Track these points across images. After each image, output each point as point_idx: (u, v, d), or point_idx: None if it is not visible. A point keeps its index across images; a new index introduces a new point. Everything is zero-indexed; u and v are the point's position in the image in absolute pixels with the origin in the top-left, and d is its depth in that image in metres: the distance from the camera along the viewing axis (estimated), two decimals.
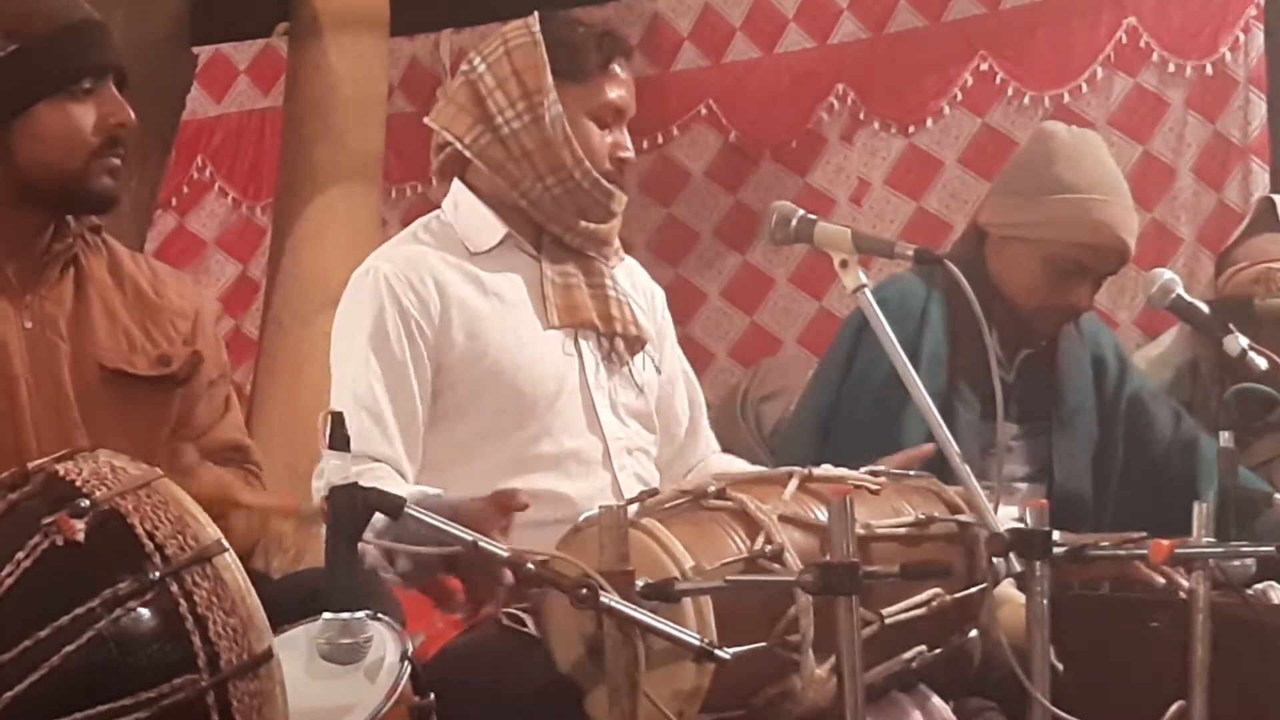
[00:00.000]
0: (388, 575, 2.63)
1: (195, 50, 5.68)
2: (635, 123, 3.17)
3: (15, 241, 2.70)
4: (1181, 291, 3.34)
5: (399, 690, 2.15)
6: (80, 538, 1.98)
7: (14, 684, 1.93)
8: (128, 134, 2.71)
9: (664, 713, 2.40)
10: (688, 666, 2.43)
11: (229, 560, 2.02)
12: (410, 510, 2.21)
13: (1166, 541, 2.64)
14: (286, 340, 5.55)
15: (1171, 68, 5.44)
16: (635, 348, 3.17)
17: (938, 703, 2.87)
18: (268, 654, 2.01)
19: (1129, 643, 3.05)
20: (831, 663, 2.44)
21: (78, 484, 2.03)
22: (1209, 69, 5.39)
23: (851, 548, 2.32)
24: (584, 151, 3.07)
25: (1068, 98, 5.55)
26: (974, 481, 2.70)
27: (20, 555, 1.98)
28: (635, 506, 2.59)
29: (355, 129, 5.67)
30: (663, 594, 2.36)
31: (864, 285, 2.76)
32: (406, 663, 2.18)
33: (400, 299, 3.01)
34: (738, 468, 3.27)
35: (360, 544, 2.17)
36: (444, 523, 2.26)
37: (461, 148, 3.12)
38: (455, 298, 3.04)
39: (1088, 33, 5.55)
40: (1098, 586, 3.20)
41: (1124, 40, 5.50)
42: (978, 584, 2.79)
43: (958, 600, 2.74)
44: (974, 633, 2.85)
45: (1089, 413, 3.61)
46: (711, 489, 2.65)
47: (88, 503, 2.01)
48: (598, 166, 3.08)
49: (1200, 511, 2.70)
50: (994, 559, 2.67)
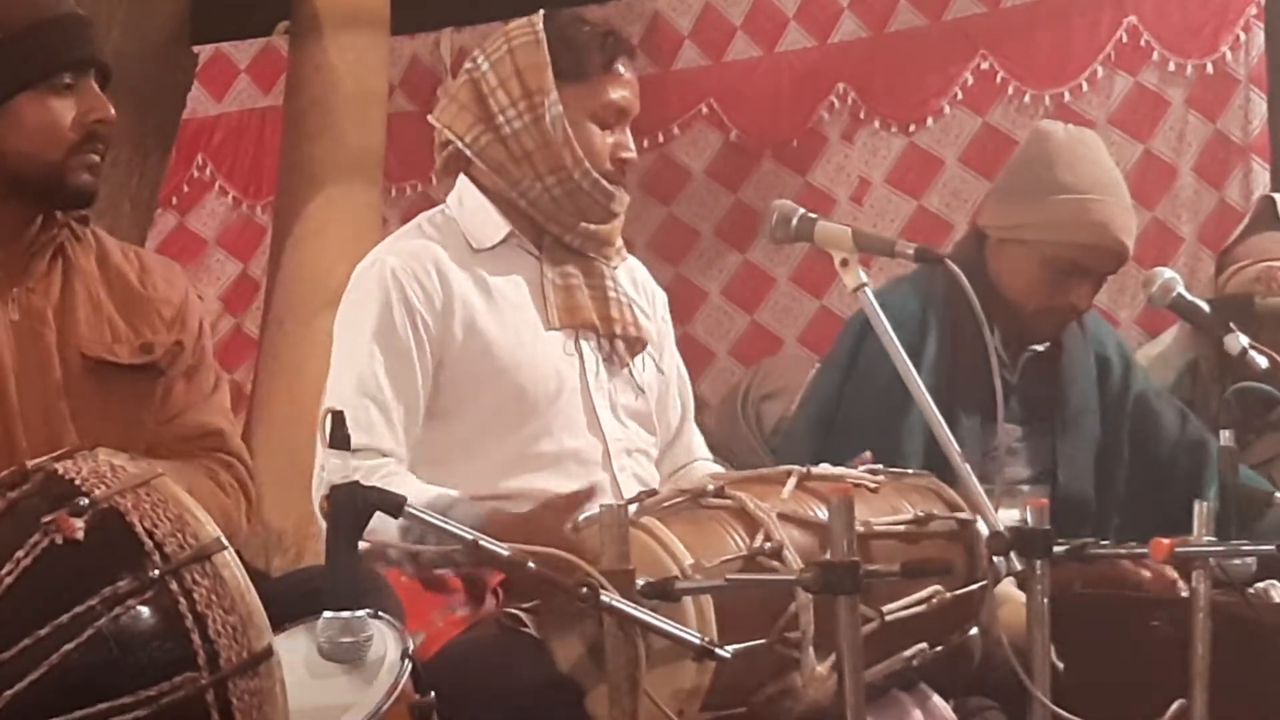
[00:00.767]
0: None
1: (196, 49, 5.69)
2: (636, 122, 3.15)
3: (2, 233, 2.69)
4: (1182, 290, 3.34)
5: (399, 689, 2.15)
6: (79, 536, 1.98)
7: (14, 682, 1.93)
8: (108, 131, 2.70)
9: (665, 711, 2.40)
10: (688, 665, 2.43)
11: (228, 558, 2.02)
12: (410, 510, 2.21)
13: (1167, 540, 2.64)
14: (287, 339, 5.55)
15: (1172, 67, 5.44)
16: (636, 349, 3.16)
17: (938, 701, 2.87)
18: (267, 652, 2.01)
19: (1129, 642, 3.06)
20: (832, 660, 2.44)
21: (77, 482, 2.03)
22: (1210, 68, 5.39)
23: (851, 546, 2.33)
24: (585, 152, 3.06)
25: (1068, 97, 5.55)
26: (974, 480, 2.69)
27: (20, 554, 1.98)
28: (635, 505, 2.59)
29: (356, 128, 5.68)
30: (663, 593, 2.36)
31: (865, 284, 2.75)
32: (407, 661, 2.18)
33: (406, 291, 3.01)
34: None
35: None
36: (445, 522, 2.26)
37: (462, 146, 3.11)
38: (458, 293, 3.04)
39: (1088, 31, 5.54)
40: (1098, 586, 3.20)
41: (1125, 39, 5.49)
42: (978, 582, 2.79)
43: (958, 598, 2.74)
44: (974, 631, 2.85)
45: (1093, 413, 3.59)
46: (711, 488, 2.65)
47: (87, 501, 2.01)
48: (598, 167, 3.07)
49: (1201, 510, 2.71)
50: (994, 558, 2.67)
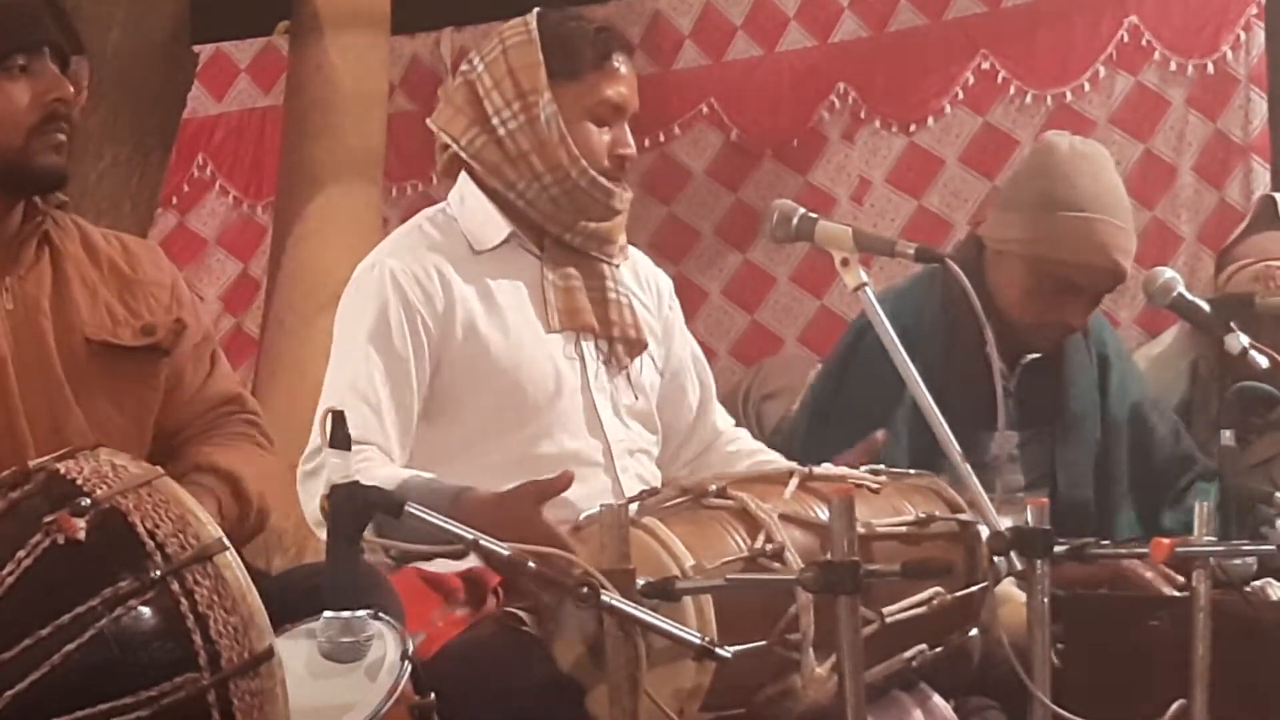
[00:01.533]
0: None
1: (196, 49, 5.68)
2: (636, 121, 3.15)
3: None
4: (1182, 290, 3.34)
5: (399, 689, 2.15)
6: (81, 536, 1.98)
7: (15, 682, 1.93)
8: (69, 110, 2.69)
9: (665, 711, 2.41)
10: (688, 665, 2.43)
11: (230, 558, 2.02)
12: (410, 509, 2.21)
13: (1167, 540, 2.64)
14: (288, 339, 5.55)
15: (1173, 66, 5.43)
16: (635, 351, 3.15)
17: (938, 701, 2.87)
18: (268, 652, 2.01)
19: (1129, 641, 3.06)
20: (832, 661, 2.44)
21: (79, 482, 2.03)
22: (1210, 68, 5.38)
23: (852, 546, 2.33)
24: (581, 150, 3.05)
25: (1069, 96, 5.54)
26: (975, 480, 2.69)
27: (21, 554, 1.98)
28: (635, 505, 2.59)
29: (356, 127, 5.67)
30: (663, 592, 2.37)
31: (865, 284, 2.75)
32: (407, 661, 2.18)
33: (406, 294, 3.01)
34: (750, 445, 3.32)
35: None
36: (445, 521, 2.26)
37: (459, 149, 3.11)
38: (459, 296, 3.04)
39: (1089, 31, 5.54)
40: (1098, 586, 3.20)
41: (1125, 39, 5.49)
42: (978, 583, 2.79)
43: (958, 599, 2.74)
44: (974, 631, 2.85)
45: (1093, 417, 3.57)
46: (712, 488, 2.65)
47: (88, 501, 2.01)
48: (596, 165, 3.06)
49: (1201, 510, 2.71)
50: (995, 557, 2.67)
